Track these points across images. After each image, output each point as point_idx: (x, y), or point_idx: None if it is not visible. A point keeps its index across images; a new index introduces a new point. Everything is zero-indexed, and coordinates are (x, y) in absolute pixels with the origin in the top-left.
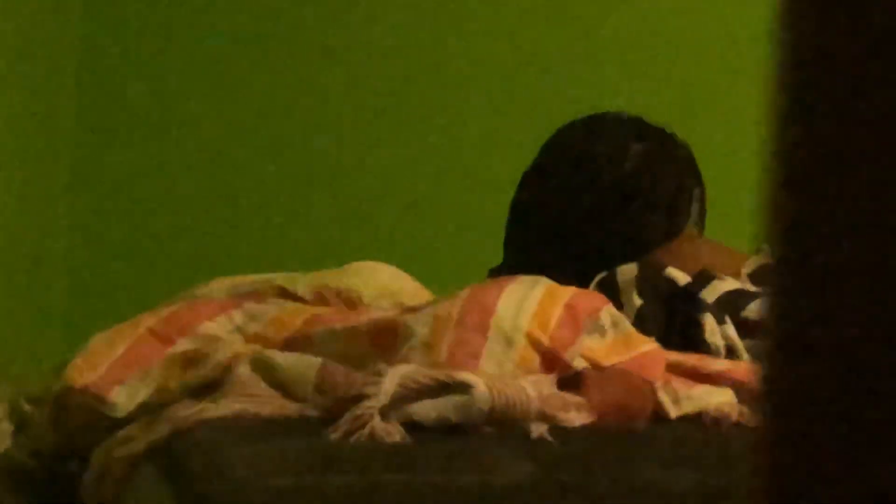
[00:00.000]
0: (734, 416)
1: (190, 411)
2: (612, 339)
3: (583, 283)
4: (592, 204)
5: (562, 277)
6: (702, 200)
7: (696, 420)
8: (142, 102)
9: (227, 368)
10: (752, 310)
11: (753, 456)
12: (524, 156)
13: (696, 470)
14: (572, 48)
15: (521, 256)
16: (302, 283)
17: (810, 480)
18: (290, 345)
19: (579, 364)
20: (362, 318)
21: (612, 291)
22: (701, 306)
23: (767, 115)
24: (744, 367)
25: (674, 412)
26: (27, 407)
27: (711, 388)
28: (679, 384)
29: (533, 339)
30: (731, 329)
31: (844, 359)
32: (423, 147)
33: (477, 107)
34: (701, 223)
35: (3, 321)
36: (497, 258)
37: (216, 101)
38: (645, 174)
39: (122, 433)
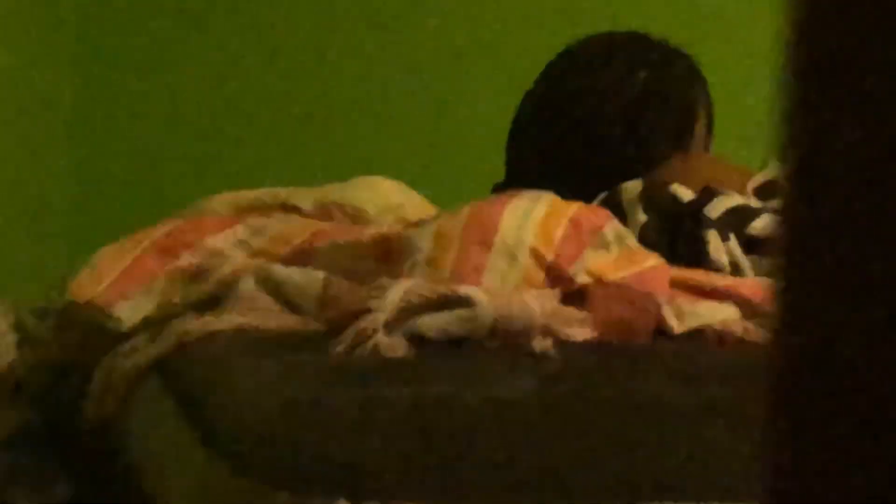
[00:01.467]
0: (738, 332)
1: (194, 325)
2: (616, 255)
3: (587, 199)
4: (595, 129)
5: (566, 194)
6: (708, 119)
7: (700, 336)
8: (140, 45)
9: (231, 283)
10: (757, 226)
11: (765, 372)
12: (530, 69)
13: (700, 385)
14: None
15: (525, 173)
16: (306, 197)
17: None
18: (293, 259)
19: (583, 279)
20: (366, 232)
21: (616, 207)
22: (705, 222)
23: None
24: (748, 283)
25: (678, 328)
26: (31, 320)
27: (715, 304)
28: (683, 300)
29: (537, 254)
30: (735, 245)
31: (856, 273)
32: (428, 60)
33: (482, 19)
34: (708, 138)
35: (7, 236)
36: (499, 175)
37: (214, 34)
38: (651, 100)
39: (125, 347)
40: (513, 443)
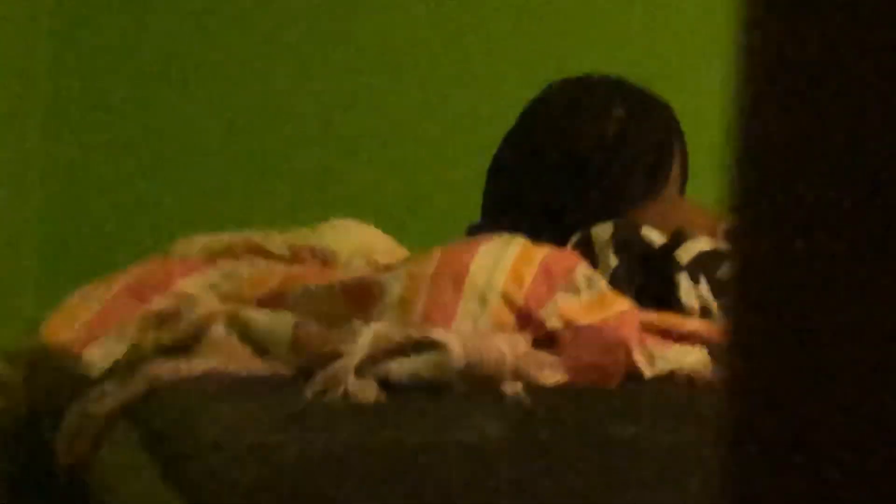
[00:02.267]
0: (707, 376)
1: (164, 369)
2: (587, 299)
3: (560, 242)
4: (573, 168)
5: (539, 236)
6: (683, 162)
7: (670, 379)
8: (120, 49)
9: (202, 326)
10: (727, 270)
11: (720, 406)
12: (505, 116)
13: (670, 428)
14: (556, 10)
15: (499, 215)
16: (277, 241)
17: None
18: (265, 303)
19: (554, 323)
20: (337, 276)
21: (588, 251)
22: (676, 266)
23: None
24: (717, 327)
25: (648, 371)
26: (1, 364)
27: (686, 347)
28: (654, 343)
29: (507, 298)
30: (705, 289)
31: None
32: (402, 105)
33: (457, 67)
34: (682, 183)
35: None
36: (475, 216)
37: (198, 50)
38: (626, 139)
39: (96, 391)
40: (484, 487)
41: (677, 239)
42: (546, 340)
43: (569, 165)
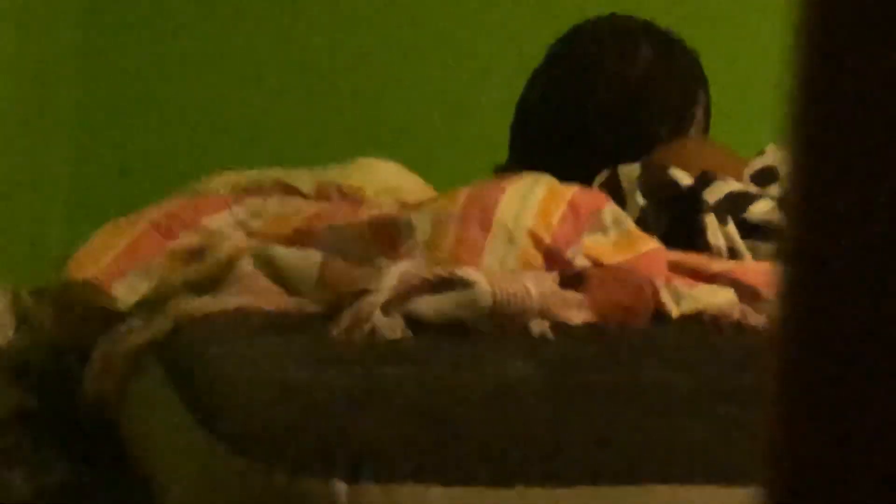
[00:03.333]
0: (735, 316)
1: (191, 305)
2: (614, 238)
3: (586, 182)
4: (599, 107)
5: (566, 176)
6: (707, 106)
7: (697, 319)
8: (143, 32)
9: (229, 263)
10: (755, 211)
11: (767, 355)
12: (533, 54)
13: (697, 370)
14: None
15: (527, 155)
16: (304, 178)
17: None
18: (292, 240)
19: (581, 262)
20: (364, 214)
21: (615, 191)
22: (703, 206)
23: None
24: (746, 268)
25: (675, 311)
26: (29, 300)
27: (713, 287)
28: (681, 283)
29: (535, 237)
30: (733, 229)
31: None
32: (430, 40)
33: (485, 8)
34: (705, 128)
35: (4, 214)
36: (503, 156)
37: (218, 25)
38: (652, 79)
39: (123, 327)
40: (511, 424)
41: (704, 180)
42: (573, 279)
43: (595, 105)
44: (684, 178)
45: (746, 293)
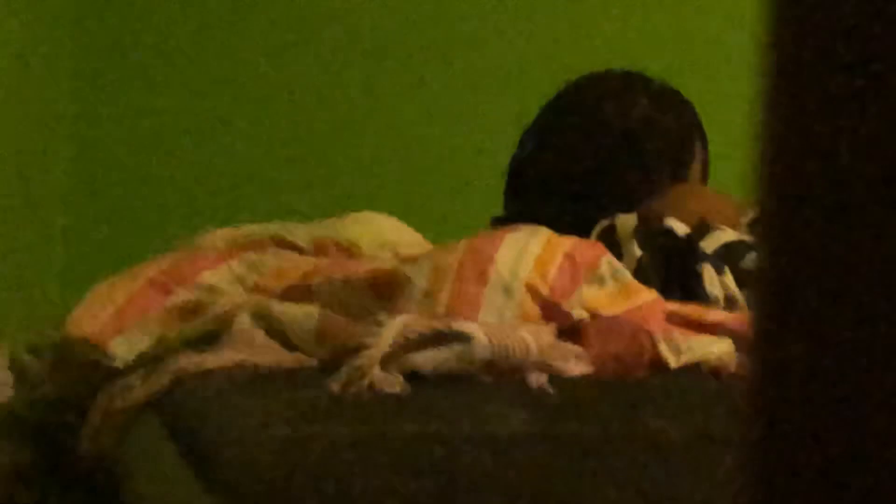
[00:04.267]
0: (733, 366)
1: (189, 362)
2: (611, 289)
3: (584, 231)
4: (595, 157)
5: (562, 226)
6: (704, 158)
7: (695, 370)
8: (139, 49)
9: (227, 319)
10: (751, 260)
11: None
12: (526, 108)
13: (695, 419)
14: (574, 6)
15: (522, 206)
16: (301, 233)
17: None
18: (289, 295)
19: (579, 314)
20: (362, 268)
21: (611, 242)
22: (700, 257)
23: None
24: (742, 317)
25: (673, 362)
26: (27, 357)
27: (710, 338)
28: (678, 334)
29: (532, 289)
30: (729, 279)
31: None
32: (424, 98)
33: (480, 61)
34: (704, 177)
35: (2, 271)
36: (499, 209)
37: (216, 47)
38: (648, 129)
39: (121, 383)
40: (510, 478)
41: (701, 229)
42: (571, 331)
43: (591, 156)
44: (681, 229)
45: (744, 342)
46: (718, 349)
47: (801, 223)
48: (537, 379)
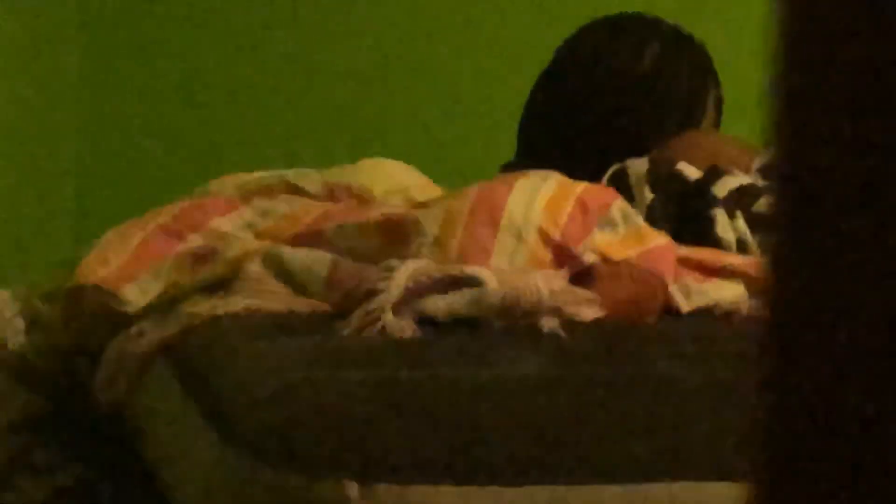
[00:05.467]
0: (745, 310)
1: (201, 308)
2: (623, 234)
3: (595, 178)
4: (607, 104)
5: (573, 173)
6: (718, 103)
7: (708, 314)
8: (146, 30)
9: (238, 265)
10: (763, 204)
11: (759, 347)
12: (541, 53)
13: (707, 364)
14: None
15: (534, 152)
16: (312, 179)
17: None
18: (300, 241)
19: (591, 258)
20: (373, 213)
21: (623, 186)
22: (712, 201)
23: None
24: (755, 261)
25: (685, 306)
26: (39, 304)
27: (723, 282)
28: (690, 278)
29: (544, 234)
30: (742, 223)
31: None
32: (435, 41)
33: (492, 8)
34: (717, 121)
35: (14, 219)
36: (510, 154)
37: (224, 22)
38: (661, 75)
39: (134, 329)
40: (522, 423)
41: (713, 174)
42: (583, 276)
43: (603, 102)
44: (693, 173)
45: (756, 287)
46: (731, 293)
47: (814, 167)
48: (549, 323)
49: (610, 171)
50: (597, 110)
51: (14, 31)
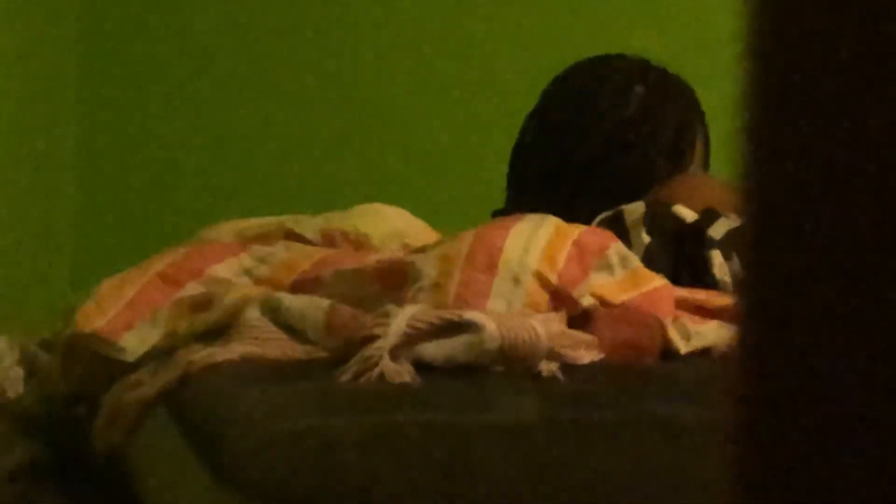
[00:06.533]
0: None
1: (199, 355)
2: (620, 277)
3: (585, 222)
4: (595, 147)
5: (563, 215)
6: (706, 141)
7: (706, 355)
8: (148, 42)
9: (236, 311)
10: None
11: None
12: (527, 99)
13: (706, 405)
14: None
15: (523, 198)
16: (309, 225)
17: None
18: (298, 287)
19: (588, 302)
20: (370, 259)
21: (619, 229)
22: (709, 243)
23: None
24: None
25: (684, 348)
26: (38, 352)
27: (720, 323)
28: (688, 320)
29: (541, 278)
30: (738, 265)
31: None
32: (426, 90)
33: (480, 50)
34: (705, 164)
35: (12, 267)
36: (500, 201)
37: (224, 39)
38: (648, 117)
39: (132, 378)
40: (521, 468)
41: (709, 216)
42: (581, 319)
43: (590, 145)
44: (689, 215)
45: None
46: (728, 334)
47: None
48: (547, 367)
49: (599, 218)
50: (584, 153)
51: (11, 47)
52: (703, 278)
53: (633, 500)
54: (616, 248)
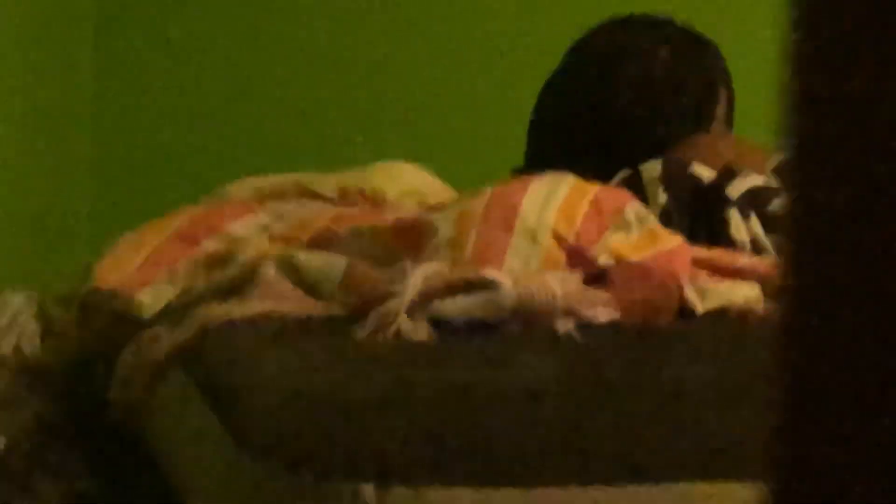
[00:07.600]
0: (760, 311)
1: (216, 312)
2: (637, 235)
3: (606, 181)
4: (617, 108)
5: (583, 175)
6: (730, 103)
7: (723, 314)
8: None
9: (253, 268)
10: (777, 205)
11: (775, 350)
12: (550, 57)
13: (722, 365)
14: None
15: (543, 156)
16: (327, 183)
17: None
18: (315, 244)
19: (605, 260)
20: (387, 216)
21: (637, 188)
22: (726, 202)
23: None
24: (769, 262)
25: (700, 307)
26: (54, 309)
27: (737, 282)
28: (705, 279)
29: (558, 236)
30: (756, 224)
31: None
32: (448, 46)
33: (504, 6)
34: (729, 122)
35: (29, 224)
36: (520, 155)
37: (234, 28)
38: (670, 77)
39: (148, 334)
40: (537, 425)
41: (727, 175)
42: (597, 278)
43: (614, 107)
44: (706, 174)
45: (771, 287)
46: (745, 294)
47: (828, 168)
48: (564, 325)
49: (618, 177)
50: (607, 115)
51: (27, 31)
52: (721, 237)
53: (650, 460)
54: (633, 206)
